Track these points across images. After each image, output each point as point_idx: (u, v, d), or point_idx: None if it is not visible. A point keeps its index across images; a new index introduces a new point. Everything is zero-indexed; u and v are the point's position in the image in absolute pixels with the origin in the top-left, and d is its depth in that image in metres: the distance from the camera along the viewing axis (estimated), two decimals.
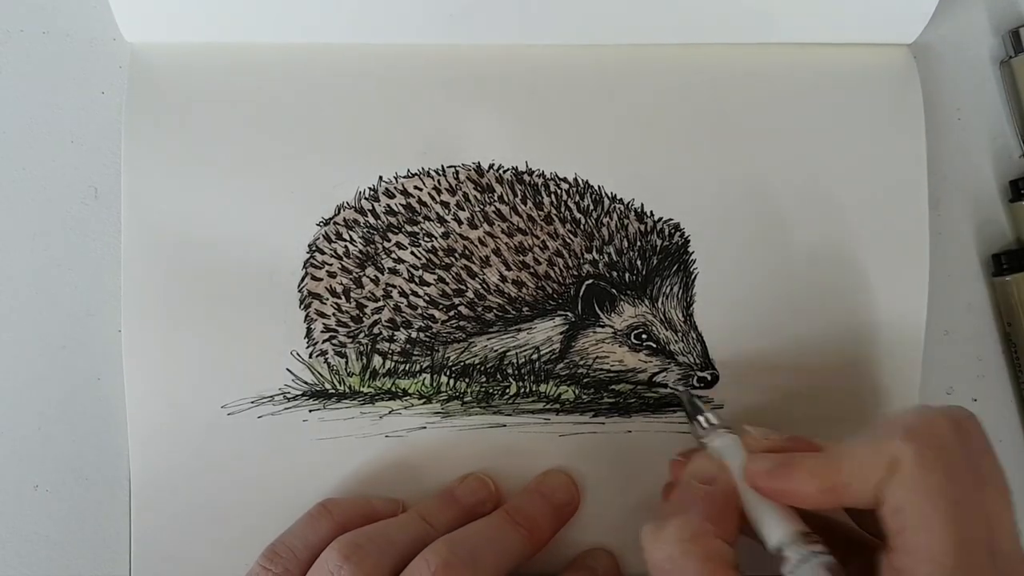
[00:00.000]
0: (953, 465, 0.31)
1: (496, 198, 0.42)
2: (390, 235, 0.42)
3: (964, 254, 0.45)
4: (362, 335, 0.41)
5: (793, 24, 0.42)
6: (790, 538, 0.32)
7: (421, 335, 0.41)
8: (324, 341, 0.41)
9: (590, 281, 0.42)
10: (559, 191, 0.42)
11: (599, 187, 0.42)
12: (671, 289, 0.42)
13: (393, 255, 0.42)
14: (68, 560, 0.42)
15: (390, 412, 0.41)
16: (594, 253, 0.42)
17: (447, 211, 0.42)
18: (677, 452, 0.39)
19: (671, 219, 0.42)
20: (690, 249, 0.42)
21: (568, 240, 0.41)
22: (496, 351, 0.42)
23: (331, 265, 0.41)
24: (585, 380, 0.42)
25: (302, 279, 0.41)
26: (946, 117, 0.45)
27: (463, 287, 0.41)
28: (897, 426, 0.32)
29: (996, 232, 0.45)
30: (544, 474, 0.41)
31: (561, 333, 0.42)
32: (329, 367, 0.41)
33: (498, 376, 0.42)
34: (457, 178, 0.42)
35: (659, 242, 0.42)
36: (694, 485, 0.35)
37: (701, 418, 0.37)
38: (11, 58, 0.43)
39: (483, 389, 0.42)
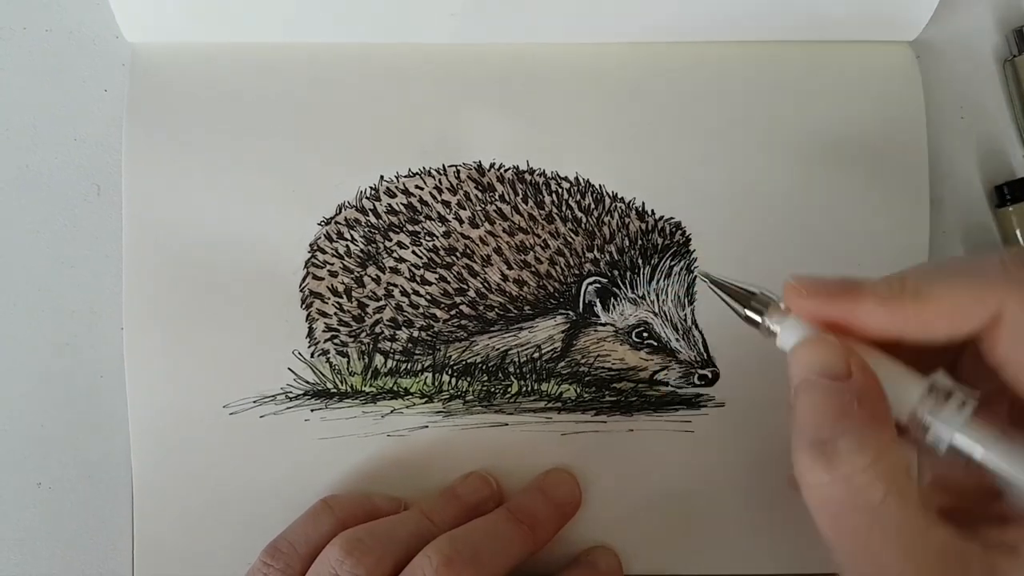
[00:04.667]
0: None
1: (497, 197, 0.42)
2: (391, 234, 0.42)
3: (969, 252, 0.44)
4: (364, 334, 0.42)
5: (794, 22, 0.42)
6: (923, 393, 0.28)
7: (423, 334, 0.42)
8: (326, 340, 0.41)
9: (591, 280, 0.42)
10: (560, 190, 0.42)
11: (600, 186, 0.42)
12: (672, 287, 0.42)
13: (394, 254, 0.42)
14: (71, 558, 0.42)
15: (392, 411, 0.41)
16: (595, 252, 0.42)
17: (448, 210, 0.42)
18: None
19: (672, 218, 0.42)
20: (691, 247, 0.42)
21: (569, 239, 0.41)
22: (498, 350, 0.42)
23: (332, 264, 0.41)
24: (587, 379, 0.42)
25: (304, 278, 0.41)
26: (949, 116, 0.44)
27: (464, 286, 0.41)
28: (1000, 271, 0.29)
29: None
30: (546, 473, 0.41)
31: (562, 332, 0.42)
32: (331, 366, 0.41)
33: (500, 375, 0.42)
34: (458, 177, 0.42)
35: (660, 241, 0.42)
36: (837, 388, 0.29)
37: (751, 313, 0.31)
38: (14, 55, 0.43)
39: (485, 388, 0.42)
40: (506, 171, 0.42)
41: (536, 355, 0.42)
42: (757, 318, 0.31)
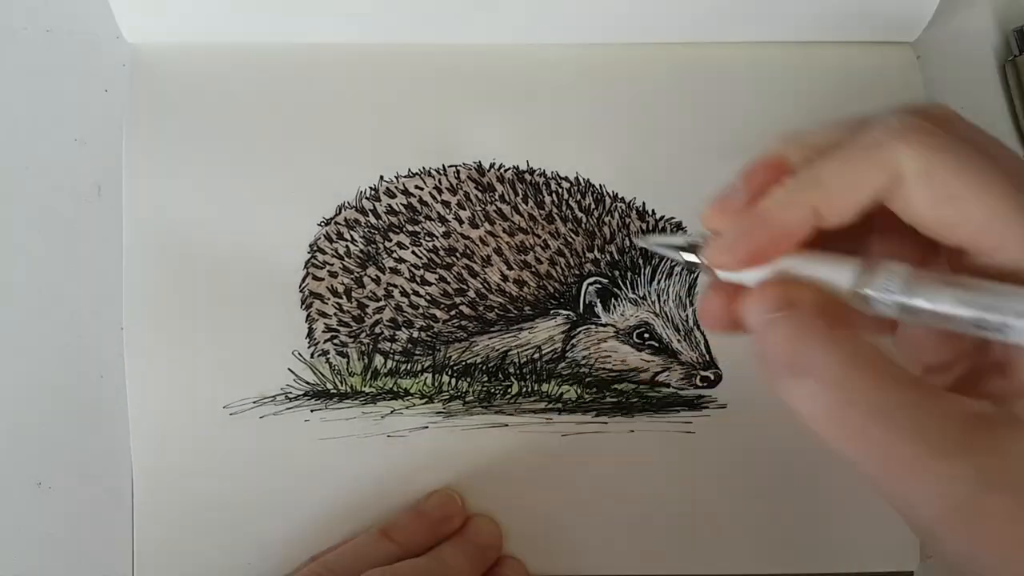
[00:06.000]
0: (970, 136, 0.27)
1: (497, 197, 0.42)
2: (391, 235, 0.42)
3: None
4: (364, 335, 0.42)
5: (795, 22, 0.42)
6: (858, 269, 0.27)
7: (423, 335, 0.42)
8: (326, 341, 0.41)
9: (592, 280, 0.42)
10: (560, 190, 0.42)
11: (600, 186, 0.42)
12: (673, 288, 0.42)
13: (394, 255, 0.42)
14: (70, 558, 0.42)
15: (392, 412, 0.41)
16: (596, 252, 0.41)
17: (448, 210, 0.42)
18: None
19: (673, 218, 0.42)
20: None
21: (570, 239, 0.41)
22: (498, 350, 0.42)
23: (332, 265, 0.41)
24: (587, 380, 0.42)
25: (303, 279, 0.41)
26: None
27: (464, 286, 0.41)
28: (888, 129, 0.27)
29: None
30: (472, 518, 0.41)
31: (563, 332, 0.42)
32: (331, 367, 0.41)
33: (500, 376, 0.42)
34: (458, 177, 0.42)
35: None
36: (796, 315, 0.28)
37: (690, 255, 0.32)
38: (14, 56, 0.43)
39: (485, 389, 0.42)
40: (506, 171, 0.42)
41: (536, 356, 0.42)
42: (698, 259, 0.31)
